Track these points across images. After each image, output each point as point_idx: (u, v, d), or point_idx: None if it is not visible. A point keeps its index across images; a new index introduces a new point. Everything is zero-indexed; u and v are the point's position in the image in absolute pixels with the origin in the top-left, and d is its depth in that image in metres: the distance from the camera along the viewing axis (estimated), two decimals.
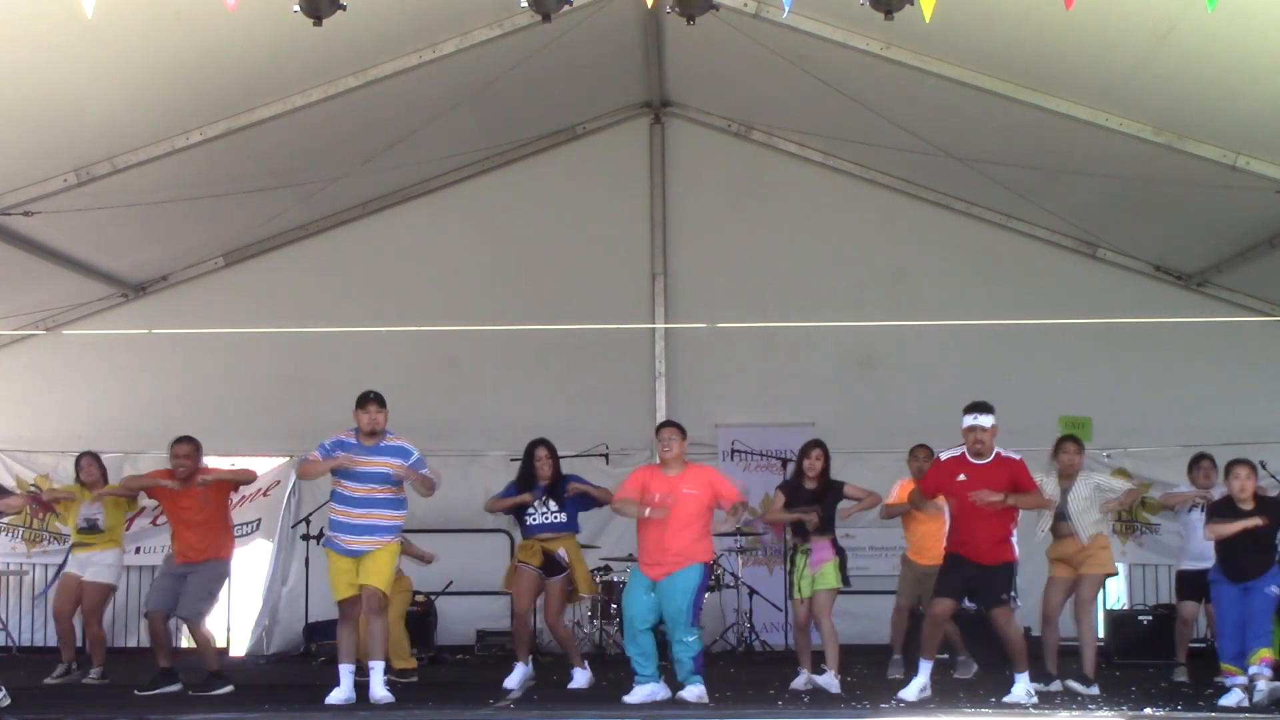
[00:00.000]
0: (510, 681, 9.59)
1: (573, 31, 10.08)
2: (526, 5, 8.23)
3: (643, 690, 8.90)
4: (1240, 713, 8.46)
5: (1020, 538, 9.13)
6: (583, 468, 11.10)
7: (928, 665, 8.95)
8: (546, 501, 9.81)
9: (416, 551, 10.89)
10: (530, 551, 9.79)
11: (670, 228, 13.55)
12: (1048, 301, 12.55)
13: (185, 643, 11.54)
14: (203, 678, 9.59)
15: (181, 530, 9.81)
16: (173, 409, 12.61)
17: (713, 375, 13.37)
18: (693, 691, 8.87)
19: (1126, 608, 12.55)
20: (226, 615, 12.96)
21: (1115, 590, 13.06)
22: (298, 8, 7.53)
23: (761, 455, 12.99)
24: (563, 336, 11.97)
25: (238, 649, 13.10)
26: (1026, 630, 9.37)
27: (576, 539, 10.00)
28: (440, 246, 13.54)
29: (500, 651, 11.87)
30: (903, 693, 8.83)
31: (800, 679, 9.49)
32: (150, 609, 9.88)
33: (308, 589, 12.49)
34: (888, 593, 11.05)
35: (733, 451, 13.11)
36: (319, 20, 7.59)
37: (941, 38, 9.40)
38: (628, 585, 9.30)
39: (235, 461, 11.73)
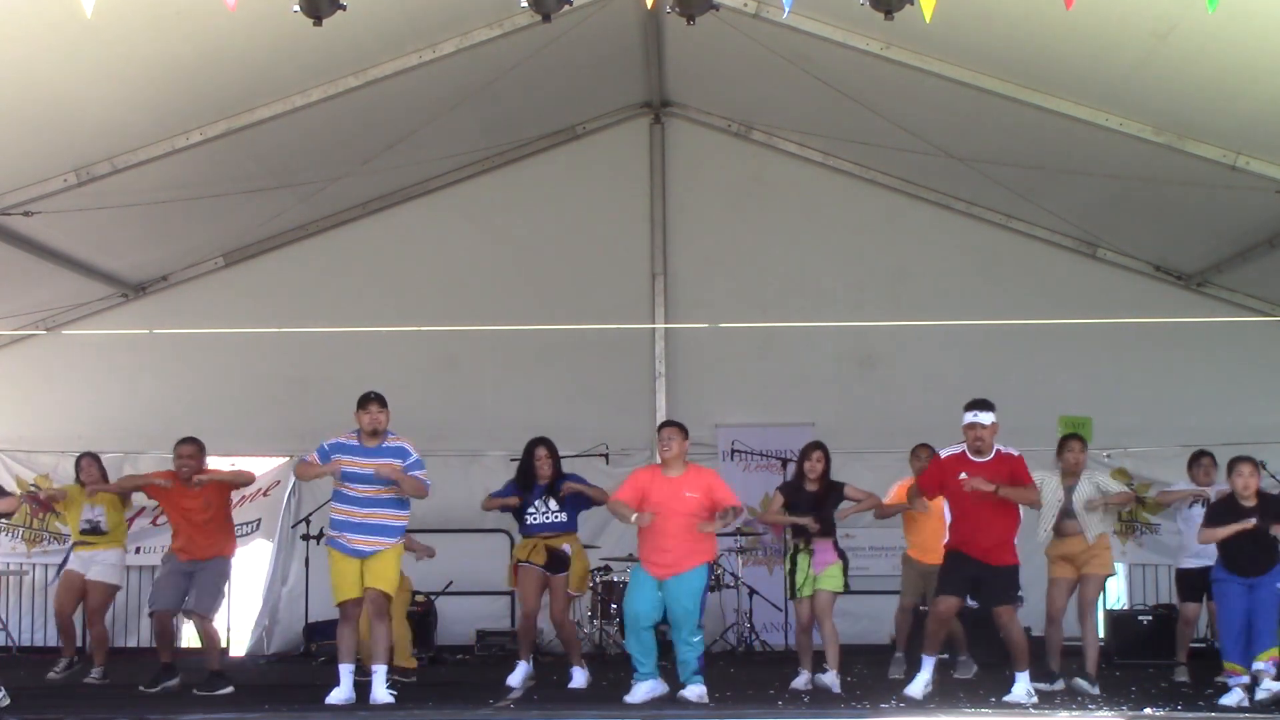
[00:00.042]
0: (513, 679, 9.62)
1: (573, 31, 10.08)
2: (526, 5, 8.23)
3: (643, 687, 8.91)
4: (1241, 713, 8.47)
5: (1020, 538, 9.13)
6: (583, 468, 11.10)
7: (931, 661, 8.96)
8: (547, 501, 9.81)
9: (417, 546, 10.88)
10: (533, 550, 9.79)
11: (670, 228, 13.54)
12: (1048, 301, 12.56)
13: (185, 643, 11.54)
14: (204, 677, 9.59)
15: (187, 529, 9.81)
16: (173, 409, 12.63)
17: (713, 375, 13.37)
18: (694, 691, 8.88)
19: (1126, 608, 12.55)
20: (227, 615, 12.89)
21: (1115, 590, 13.05)
22: (298, 8, 7.53)
23: (761, 455, 12.98)
24: (563, 336, 11.98)
25: (238, 649, 13.09)
26: (1027, 630, 9.37)
27: (578, 538, 10.01)
28: (440, 246, 13.54)
29: (500, 651, 11.88)
30: (908, 689, 8.84)
31: (801, 679, 9.48)
32: (159, 607, 9.86)
33: (308, 589, 12.50)
34: (887, 593, 11.05)
35: (733, 452, 13.11)
36: (319, 20, 7.59)
37: (941, 38, 9.40)
38: (631, 582, 9.28)
39: (235, 462, 11.76)
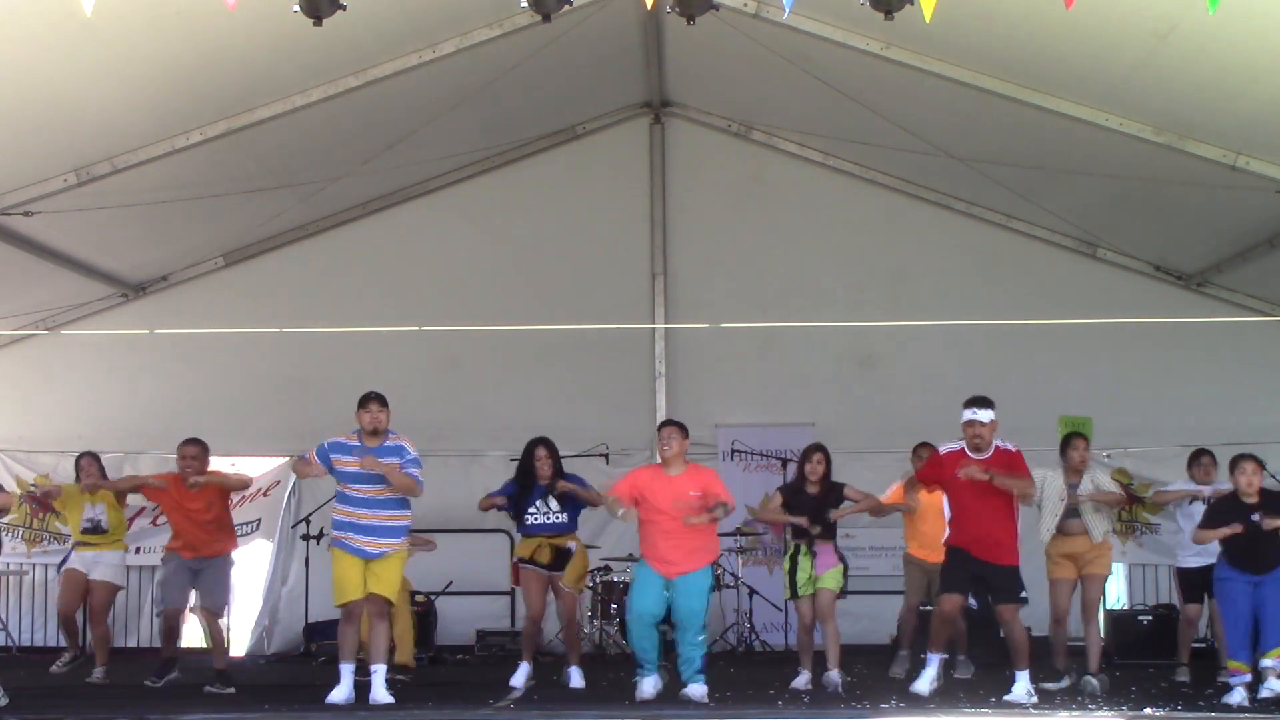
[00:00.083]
0: (516, 679, 9.64)
1: (573, 31, 10.08)
2: (526, 5, 8.24)
3: (649, 682, 8.96)
4: (1242, 712, 8.46)
5: (1020, 538, 9.12)
6: (583, 468, 11.08)
7: (936, 658, 8.97)
8: (547, 501, 9.81)
9: (418, 540, 10.86)
10: (537, 549, 9.79)
11: (670, 228, 13.54)
12: (1048, 301, 12.56)
13: (186, 642, 11.53)
14: (211, 675, 9.63)
15: (191, 529, 9.83)
16: (173, 409, 12.63)
17: (713, 375, 13.37)
18: (697, 690, 8.90)
19: (1126, 608, 12.55)
20: (227, 615, 12.90)
21: (1115, 590, 13.05)
22: (298, 8, 7.54)
23: (761, 455, 12.98)
24: (563, 336, 11.98)
25: (238, 649, 13.06)
26: (1027, 630, 9.36)
27: (578, 537, 10.01)
28: (440, 246, 13.54)
29: (500, 651, 11.88)
30: (915, 685, 8.87)
31: (801, 679, 9.47)
32: (170, 605, 9.90)
33: (308, 589, 12.51)
34: (887, 593, 11.05)
35: (733, 452, 13.11)
36: (319, 20, 7.60)
37: (941, 38, 9.40)
38: (637, 580, 9.27)
39: (235, 462, 11.75)
